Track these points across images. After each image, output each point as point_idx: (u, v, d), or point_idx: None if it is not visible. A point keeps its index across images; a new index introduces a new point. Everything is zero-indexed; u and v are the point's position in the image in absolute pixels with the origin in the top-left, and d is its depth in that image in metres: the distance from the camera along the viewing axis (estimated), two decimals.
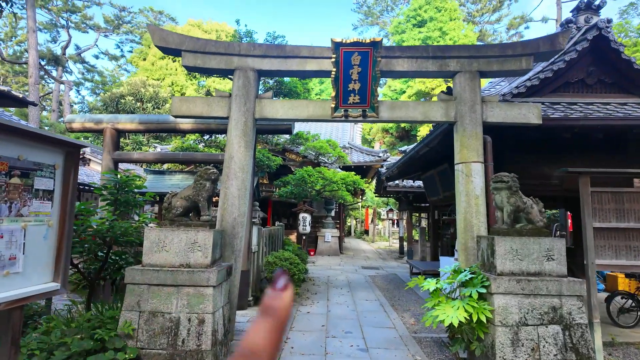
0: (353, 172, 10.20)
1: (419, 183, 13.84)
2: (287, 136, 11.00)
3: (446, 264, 8.28)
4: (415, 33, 26.32)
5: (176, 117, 5.17)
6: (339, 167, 12.53)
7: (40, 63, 33.79)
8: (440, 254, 11.14)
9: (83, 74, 40.07)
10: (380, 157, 15.11)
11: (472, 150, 4.82)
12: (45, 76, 34.73)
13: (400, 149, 10.70)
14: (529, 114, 4.94)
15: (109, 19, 38.34)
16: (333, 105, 4.96)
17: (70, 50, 38.58)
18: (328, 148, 10.58)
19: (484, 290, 3.57)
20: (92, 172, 15.12)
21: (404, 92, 25.60)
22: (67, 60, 36.10)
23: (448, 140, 6.19)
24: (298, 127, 11.48)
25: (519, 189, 3.87)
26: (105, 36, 40.84)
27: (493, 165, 5.16)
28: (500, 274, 3.65)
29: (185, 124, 6.84)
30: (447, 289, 4.00)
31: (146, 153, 7.54)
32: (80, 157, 15.60)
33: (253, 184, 6.88)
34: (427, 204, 15.19)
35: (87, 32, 38.63)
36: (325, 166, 10.22)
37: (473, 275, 3.72)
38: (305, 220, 13.14)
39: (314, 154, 10.93)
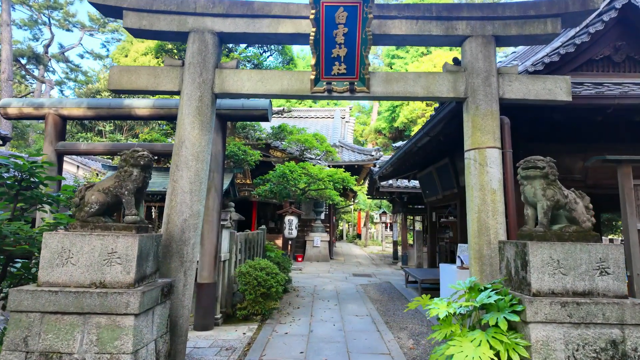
0: (342, 169, 9.16)
1: (415, 183, 12.90)
2: (269, 129, 9.93)
3: (447, 273, 7.29)
4: None
5: (115, 91, 4.10)
6: (329, 166, 11.53)
7: (20, 61, 32.36)
8: (438, 260, 10.15)
9: (67, 73, 38.57)
10: (372, 155, 14.14)
11: (487, 132, 3.83)
12: (27, 76, 33.29)
13: (395, 144, 9.71)
14: (556, 88, 3.97)
15: (94, 17, 36.98)
16: (313, 77, 3.94)
17: (54, 49, 37.17)
18: (314, 142, 9.54)
19: (515, 318, 2.55)
20: (65, 173, 13.90)
21: None
22: (50, 59, 34.66)
23: (453, 126, 5.21)
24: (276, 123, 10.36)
25: (557, 178, 2.88)
26: (91, 35, 39.48)
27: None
28: (536, 294, 2.64)
29: (142, 108, 5.76)
30: (459, 309, 2.98)
31: (95, 144, 6.43)
32: None
33: (222, 179, 5.82)
34: (423, 206, 14.24)
35: (72, 31, 37.22)
36: (311, 162, 9.18)
37: (498, 296, 2.70)
38: (291, 223, 12.08)
39: (297, 149, 9.88)
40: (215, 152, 5.76)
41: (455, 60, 4.29)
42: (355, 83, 3.94)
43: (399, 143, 9.66)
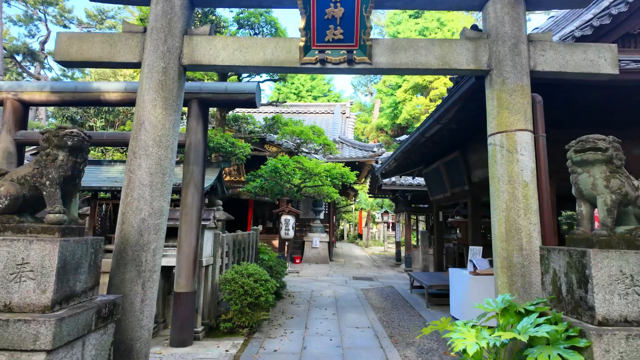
0: (341, 164, 8.40)
1: (419, 180, 12.17)
2: (262, 122, 9.18)
3: (458, 279, 6.56)
4: (411, 24, 24.79)
5: (63, 63, 3.39)
6: (327, 162, 10.78)
7: (15, 58, 31.76)
8: (445, 263, 9.42)
9: (64, 70, 37.96)
10: (374, 152, 13.41)
11: (517, 112, 3.11)
12: (24, 73, 32.67)
13: (398, 138, 8.99)
14: (600, 59, 3.24)
15: (92, 14, 36.32)
16: (302, 45, 3.22)
17: (51, 46, 36.61)
18: (310, 134, 8.76)
19: (574, 357, 1.83)
20: None
21: (400, 86, 24.01)
22: (47, 56, 34.10)
23: (468, 111, 4.49)
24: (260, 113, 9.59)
25: (623, 164, 2.15)
26: (88, 31, 38.95)
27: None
28: (603, 323, 1.92)
29: (113, 92, 5.05)
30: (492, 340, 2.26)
31: None
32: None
33: (203, 174, 5.11)
34: (427, 205, 13.51)
35: (69, 27, 36.66)
36: (307, 157, 8.44)
37: (550, 326, 1.98)
38: (288, 223, 11.35)
39: (292, 142, 9.11)
40: (195, 142, 5.06)
41: (474, 27, 3.57)
42: (354, 52, 3.22)
43: (403, 137, 8.92)
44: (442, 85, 20.08)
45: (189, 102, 5.03)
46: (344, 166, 8.05)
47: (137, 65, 3.29)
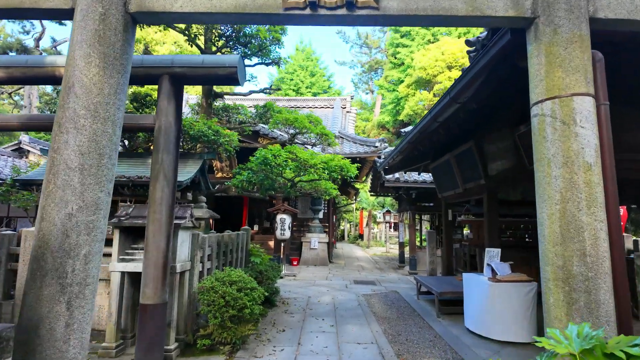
0: (340, 156, 7.57)
1: (425, 177, 11.39)
2: (253, 110, 8.35)
3: (474, 286, 5.73)
4: None
5: None
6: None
7: (8, 55, 31.19)
8: (455, 267, 8.63)
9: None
10: (376, 147, 12.61)
11: (575, 71, 2.33)
12: None
13: (403, 130, 8.19)
14: None
15: None
16: None
17: (46, 43, 36.04)
18: (306, 122, 7.90)
19: None
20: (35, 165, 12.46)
21: (402, 81, 23.24)
22: (41, 54, 33.49)
23: (492, 84, 3.70)
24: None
25: None
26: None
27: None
28: None
29: None
30: None
31: (8, 116, 4.96)
32: (16, 147, 12.65)
33: (176, 163, 4.33)
34: (432, 204, 12.72)
35: (65, 24, 36.06)
36: (302, 148, 7.60)
37: None
38: (284, 223, 10.57)
39: (286, 133, 8.27)
40: (166, 125, 4.26)
41: None
42: None
43: (408, 128, 8.13)
44: (446, 79, 19.29)
45: (159, 78, 4.25)
46: (343, 159, 7.28)
47: (69, 14, 2.51)
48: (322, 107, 19.01)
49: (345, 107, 19.29)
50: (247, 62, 7.70)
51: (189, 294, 4.74)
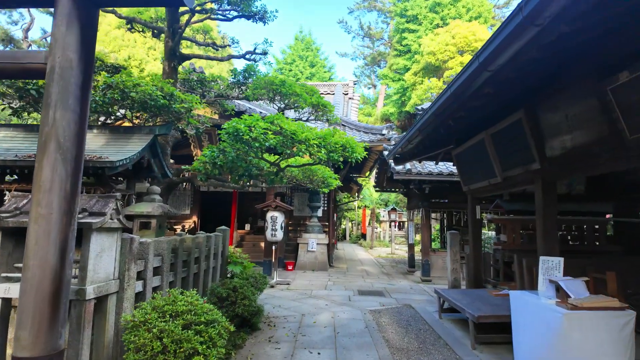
0: (343, 132, 5.76)
1: (441, 168, 9.77)
2: (231, 78, 6.66)
3: (530, 311, 3.96)
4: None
5: None
6: None
7: None
8: (484, 277, 7.02)
9: None
10: (383, 135, 10.99)
11: None
12: None
13: (419, 106, 6.54)
14: None
15: None
16: None
17: (35, 34, 34.53)
18: (297, 88, 6.13)
19: None
20: None
21: (409, 69, 21.59)
22: (30, 45, 32.05)
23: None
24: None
25: None
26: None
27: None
28: None
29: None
30: None
31: None
32: None
33: (81, 125, 2.72)
34: (446, 200, 11.11)
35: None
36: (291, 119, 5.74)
37: None
38: (275, 221, 8.97)
39: (272, 104, 6.52)
40: (63, 64, 2.63)
41: None
42: None
43: (426, 104, 6.50)
44: (458, 64, 17.65)
45: None
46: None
47: None
48: (323, 94, 17.36)
49: (347, 93, 17.64)
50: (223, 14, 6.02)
51: (115, 331, 3.15)
